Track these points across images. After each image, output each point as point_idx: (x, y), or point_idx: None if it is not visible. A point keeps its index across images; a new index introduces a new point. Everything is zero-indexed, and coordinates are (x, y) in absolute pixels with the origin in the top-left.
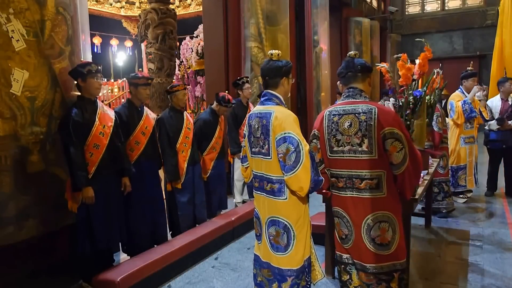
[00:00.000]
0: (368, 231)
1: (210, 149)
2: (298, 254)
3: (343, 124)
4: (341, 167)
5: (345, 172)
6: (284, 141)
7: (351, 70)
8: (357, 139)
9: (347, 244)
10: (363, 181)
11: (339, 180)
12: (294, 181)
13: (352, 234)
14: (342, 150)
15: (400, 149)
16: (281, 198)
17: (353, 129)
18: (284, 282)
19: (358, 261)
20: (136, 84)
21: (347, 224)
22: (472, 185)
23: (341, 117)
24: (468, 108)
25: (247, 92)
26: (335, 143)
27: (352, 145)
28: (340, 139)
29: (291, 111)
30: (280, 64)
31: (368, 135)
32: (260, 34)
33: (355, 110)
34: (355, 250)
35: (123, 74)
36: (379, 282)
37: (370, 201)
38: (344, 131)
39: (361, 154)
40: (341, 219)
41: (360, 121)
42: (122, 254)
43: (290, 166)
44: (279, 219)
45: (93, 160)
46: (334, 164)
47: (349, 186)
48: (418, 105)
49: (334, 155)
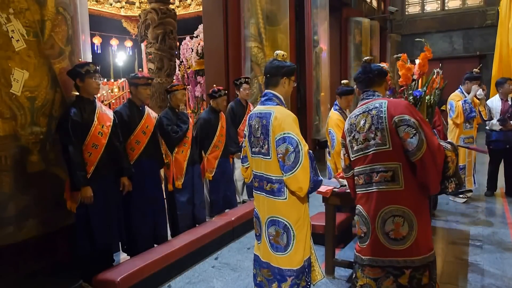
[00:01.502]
0: (382, 225)
1: (213, 148)
2: (298, 254)
3: (359, 123)
4: (360, 164)
5: (363, 168)
6: (284, 141)
7: (368, 75)
8: (371, 133)
9: (365, 242)
10: (378, 174)
11: (360, 178)
12: (293, 181)
13: (370, 231)
14: (361, 148)
15: (413, 134)
16: (281, 198)
17: (367, 125)
18: (284, 282)
19: (367, 257)
20: (136, 84)
21: (365, 221)
22: (470, 185)
23: (357, 117)
24: (468, 107)
25: (244, 93)
26: (355, 142)
27: (368, 140)
28: (358, 138)
29: (291, 112)
30: (283, 64)
31: (380, 127)
32: (260, 34)
33: (367, 108)
34: (369, 246)
35: (123, 74)
36: (387, 275)
37: (385, 194)
38: (360, 129)
39: (376, 147)
40: (360, 217)
41: (372, 116)
42: (122, 254)
43: (289, 166)
44: (279, 219)
45: (91, 160)
46: (356, 163)
47: (367, 182)
48: (418, 105)
49: (355, 155)
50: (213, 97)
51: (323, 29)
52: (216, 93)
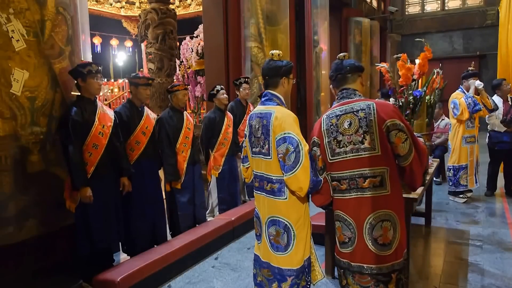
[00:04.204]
0: (370, 231)
1: (219, 145)
2: (298, 254)
3: (342, 124)
4: (343, 169)
5: (347, 173)
6: (284, 141)
7: (340, 72)
8: (358, 136)
9: (348, 248)
10: (367, 180)
11: (342, 183)
12: (293, 181)
13: (355, 236)
14: (344, 151)
15: (404, 139)
16: (281, 198)
17: (353, 128)
18: (284, 282)
19: (356, 264)
20: (137, 84)
21: (350, 227)
22: (472, 184)
23: (339, 118)
24: (471, 101)
25: (244, 93)
26: (336, 145)
27: (355, 143)
28: (341, 140)
29: (291, 112)
30: (280, 64)
31: (369, 131)
32: (260, 34)
33: (352, 109)
34: (355, 252)
35: (123, 74)
36: (377, 284)
37: (373, 199)
38: (345, 131)
39: (364, 151)
40: (343, 222)
41: (360, 118)
42: (122, 254)
43: (289, 166)
44: (279, 219)
45: (92, 160)
46: (336, 167)
47: (353, 187)
48: (418, 105)
49: (336, 157)
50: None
51: (323, 29)
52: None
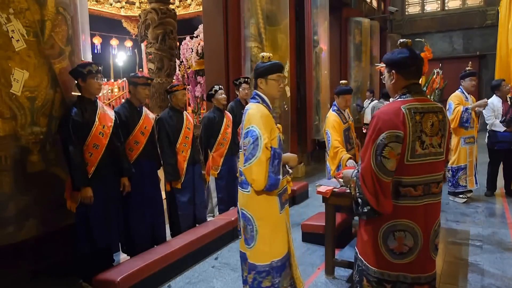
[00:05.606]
0: (433, 238)
1: (218, 146)
2: (262, 251)
3: (426, 123)
4: (420, 173)
5: (423, 178)
6: (247, 134)
7: (419, 64)
8: (438, 139)
9: (406, 258)
10: (438, 185)
11: (416, 188)
12: (247, 173)
13: (418, 245)
14: (424, 153)
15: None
16: (245, 190)
17: (435, 129)
18: (249, 274)
19: (416, 275)
20: (136, 83)
21: (415, 236)
22: (472, 185)
23: (423, 116)
24: (466, 117)
25: (243, 93)
26: (419, 145)
27: (433, 146)
28: (424, 141)
29: (265, 109)
30: (257, 67)
31: (444, 134)
32: (260, 34)
33: (432, 109)
34: (415, 263)
35: (123, 74)
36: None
37: (438, 205)
38: (429, 132)
39: (440, 156)
40: (408, 231)
41: (439, 121)
42: (122, 254)
43: (246, 158)
44: (244, 211)
45: (92, 160)
46: (412, 171)
47: (426, 193)
48: None
49: (415, 159)
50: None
51: (323, 29)
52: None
